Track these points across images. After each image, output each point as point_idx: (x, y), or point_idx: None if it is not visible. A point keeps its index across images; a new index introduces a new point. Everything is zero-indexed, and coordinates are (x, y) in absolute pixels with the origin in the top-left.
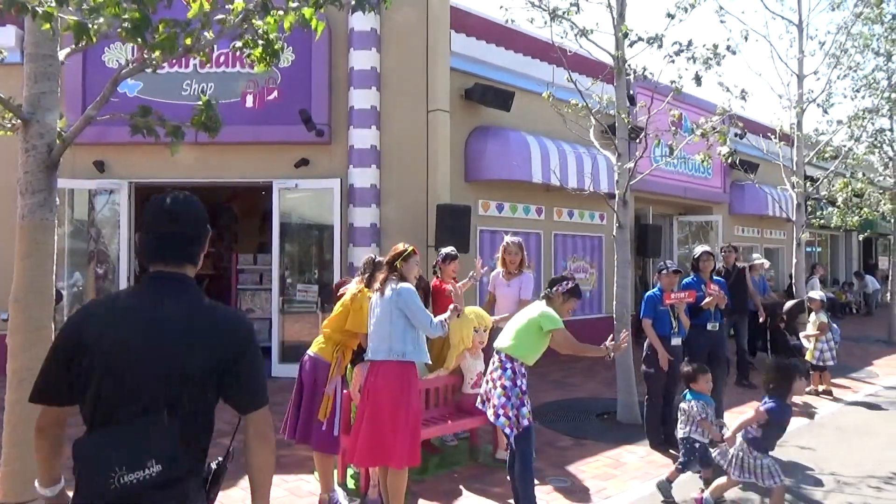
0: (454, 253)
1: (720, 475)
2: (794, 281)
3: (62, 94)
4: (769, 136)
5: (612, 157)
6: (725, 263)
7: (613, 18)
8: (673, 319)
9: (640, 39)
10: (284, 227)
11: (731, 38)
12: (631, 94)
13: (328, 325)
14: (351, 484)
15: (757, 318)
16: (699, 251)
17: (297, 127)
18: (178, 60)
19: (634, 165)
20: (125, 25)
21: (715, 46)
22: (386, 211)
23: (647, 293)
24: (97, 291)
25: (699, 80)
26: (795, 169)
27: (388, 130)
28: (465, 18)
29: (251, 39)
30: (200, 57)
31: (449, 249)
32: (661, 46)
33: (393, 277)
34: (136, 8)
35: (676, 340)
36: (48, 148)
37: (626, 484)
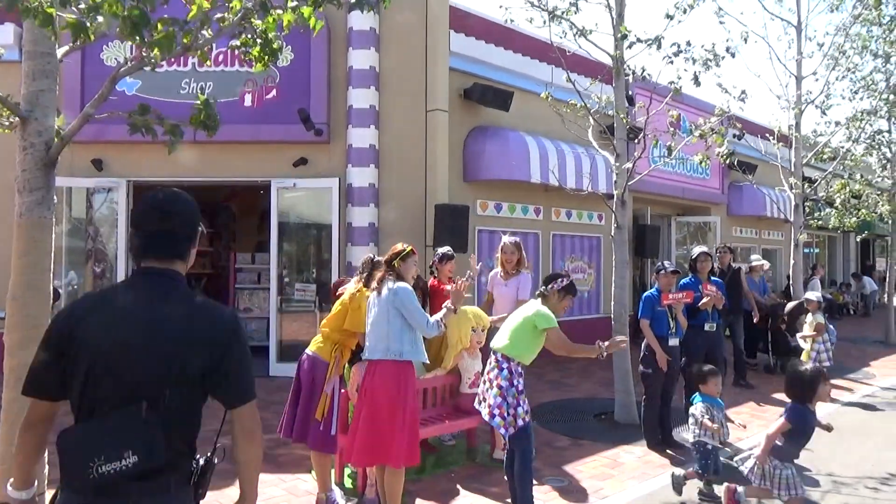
0: (451, 253)
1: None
2: (791, 282)
3: (60, 92)
4: (767, 137)
5: (610, 157)
6: (721, 264)
7: (612, 19)
8: (671, 320)
9: (638, 41)
10: (283, 226)
11: (730, 39)
12: (629, 94)
13: (326, 324)
14: (348, 483)
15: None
16: (697, 252)
17: (295, 126)
18: (176, 59)
19: (633, 166)
20: (124, 24)
21: (713, 47)
22: (384, 210)
23: (644, 293)
24: (95, 289)
25: (698, 80)
26: (793, 170)
27: (386, 130)
28: (464, 18)
29: (250, 38)
30: (199, 56)
31: (445, 249)
32: (659, 48)
33: (390, 277)
34: (134, 5)
35: (674, 341)
36: (46, 146)
37: (623, 484)
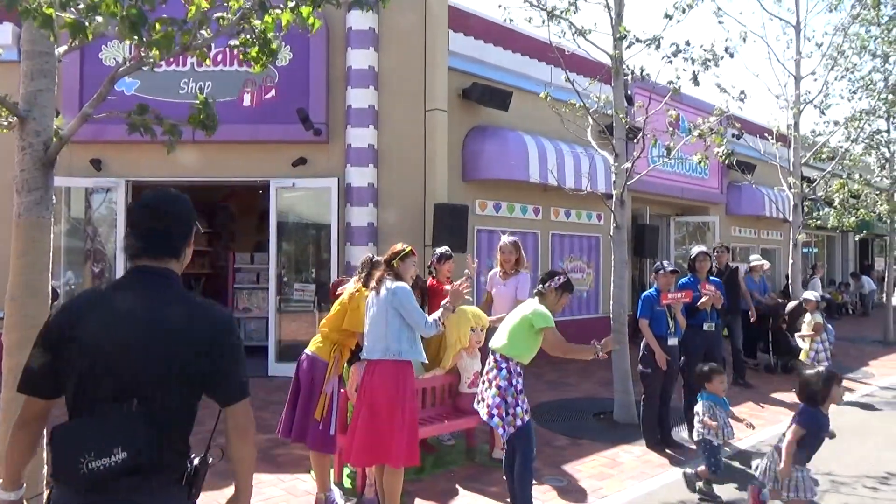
0: (449, 253)
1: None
2: (790, 281)
3: (59, 91)
4: (766, 136)
5: (609, 157)
6: (718, 263)
7: (611, 18)
8: (670, 319)
9: (637, 41)
10: (281, 226)
11: (729, 39)
12: (628, 94)
13: (326, 324)
14: (347, 483)
15: (757, 318)
16: (696, 251)
17: (294, 126)
18: (175, 59)
19: (632, 166)
20: (122, 23)
21: (712, 47)
22: (383, 210)
23: (643, 293)
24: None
25: (697, 80)
26: (792, 170)
27: (385, 130)
28: (463, 18)
29: (248, 38)
30: (198, 56)
31: (443, 249)
32: (658, 48)
33: (388, 276)
34: (132, 4)
35: (673, 340)
36: (44, 146)
37: (622, 483)
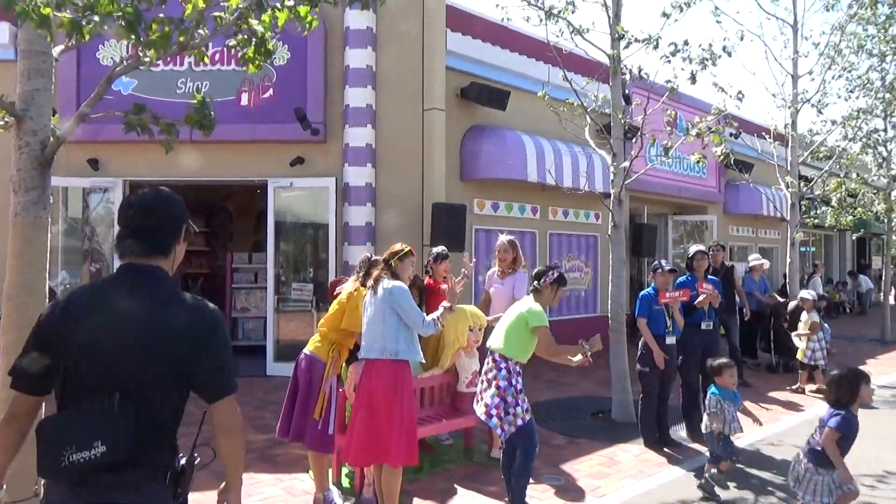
0: (445, 252)
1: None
2: (788, 280)
3: (56, 91)
4: (764, 135)
5: (607, 156)
6: (714, 262)
7: (609, 18)
8: (668, 318)
9: (636, 40)
10: (279, 225)
11: (726, 38)
12: (626, 93)
13: (324, 323)
14: (346, 483)
15: (758, 318)
16: (693, 250)
17: (292, 125)
18: (172, 58)
19: (630, 165)
20: (119, 22)
21: (710, 46)
22: (381, 210)
23: (641, 292)
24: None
25: (694, 79)
26: (790, 169)
27: (383, 129)
28: (461, 17)
29: (244, 38)
30: (196, 55)
31: (440, 249)
32: (656, 47)
33: (386, 276)
34: (129, 3)
35: (671, 339)
36: (41, 145)
37: (620, 482)
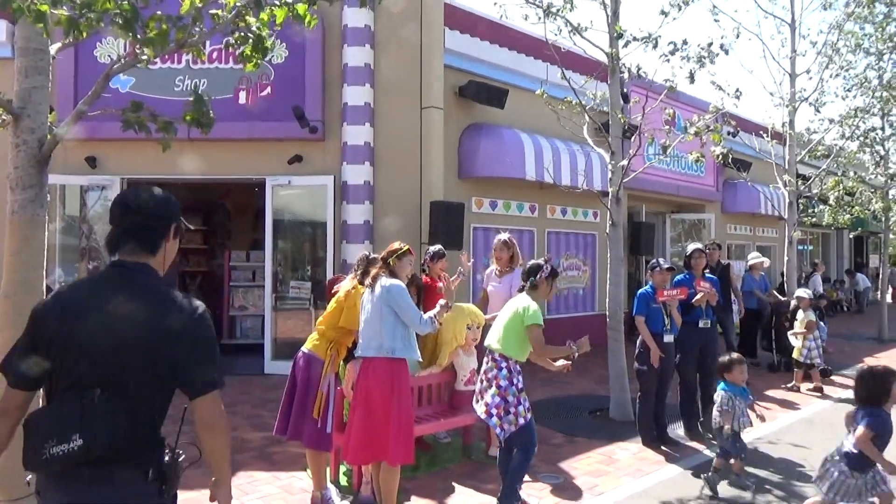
0: (442, 251)
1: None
2: (785, 279)
3: (54, 89)
4: (761, 134)
5: (605, 154)
6: (710, 260)
7: (607, 16)
8: (665, 317)
9: (634, 39)
10: (277, 223)
11: (724, 36)
12: (625, 91)
13: (322, 321)
14: (343, 481)
15: (759, 316)
16: (691, 248)
17: (290, 123)
18: (170, 56)
19: (628, 163)
20: (116, 20)
21: (709, 45)
22: (379, 208)
23: (639, 290)
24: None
25: (693, 78)
26: (787, 167)
27: (381, 127)
28: (459, 15)
29: (242, 35)
30: (193, 52)
31: (437, 248)
32: (656, 46)
33: (384, 274)
34: (126, 0)
35: (669, 337)
36: (39, 143)
37: (618, 480)
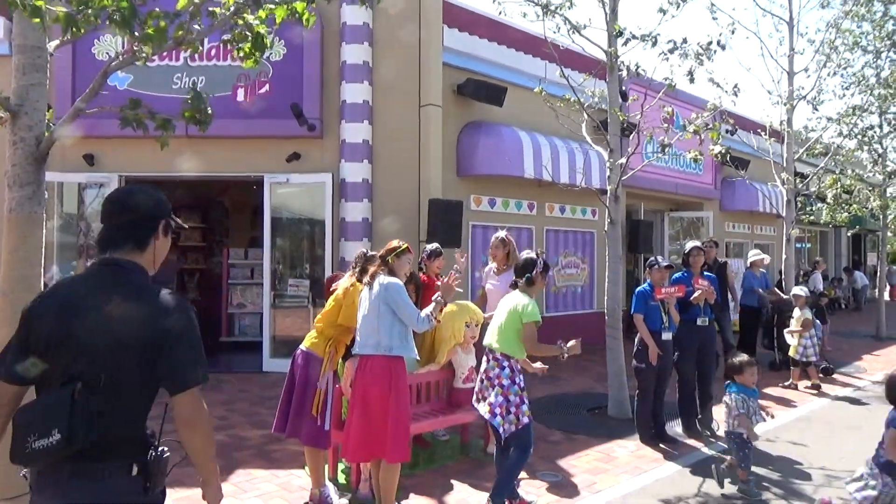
0: (439, 250)
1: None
2: (783, 276)
3: (51, 86)
4: (759, 132)
5: (604, 152)
6: (706, 258)
7: (606, 14)
8: (663, 315)
9: (633, 37)
10: (276, 221)
11: (722, 34)
12: (623, 89)
13: (321, 319)
14: (342, 479)
15: (759, 314)
16: (690, 246)
17: (288, 121)
18: (168, 53)
19: (626, 161)
20: (114, 17)
21: (709, 44)
22: (378, 206)
23: (637, 288)
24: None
25: (692, 77)
26: (785, 165)
27: (380, 125)
28: (457, 13)
29: (241, 33)
30: (191, 49)
31: (433, 246)
32: (655, 44)
33: (382, 272)
34: None
35: (667, 335)
36: (37, 140)
37: (616, 478)
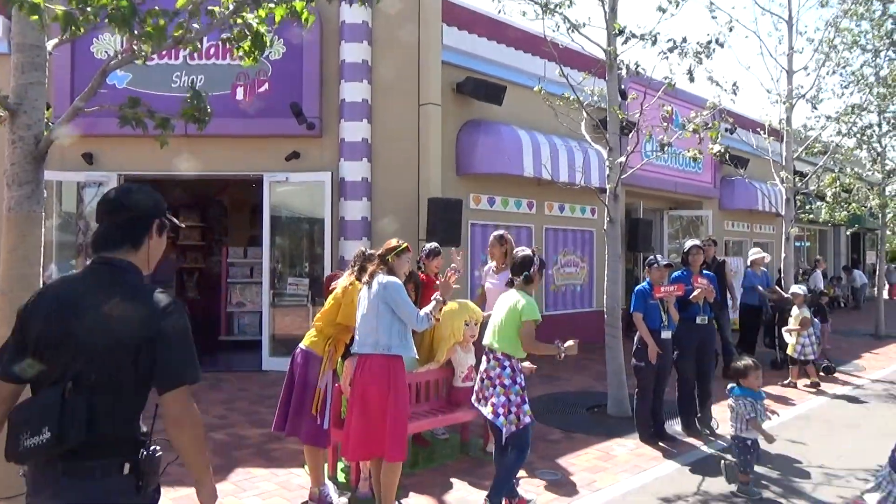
0: (437, 249)
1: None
2: (783, 275)
3: (50, 85)
4: (759, 131)
5: (603, 151)
6: (705, 257)
7: (605, 13)
8: (663, 313)
9: (633, 36)
10: (275, 220)
11: (721, 31)
12: (622, 88)
13: (320, 318)
14: (341, 478)
15: (760, 313)
16: (689, 245)
17: (287, 120)
18: (167, 52)
19: (625, 160)
20: (113, 15)
21: (708, 43)
22: (377, 205)
23: (636, 287)
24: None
25: (692, 76)
26: (785, 164)
27: (379, 124)
28: (456, 12)
29: (240, 32)
30: (190, 47)
31: (432, 245)
32: (654, 43)
33: (381, 271)
34: None
35: (666, 334)
36: (35, 139)
37: (615, 477)
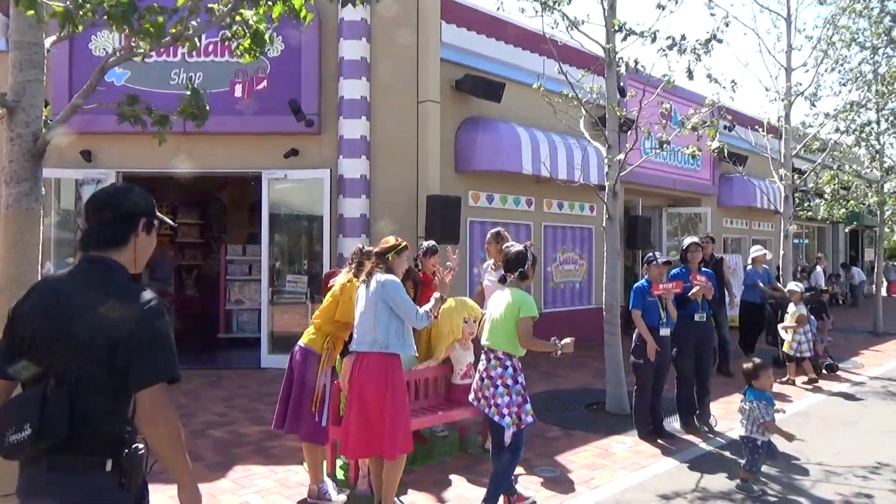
0: (435, 247)
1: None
2: (781, 272)
3: (49, 82)
4: (757, 128)
5: (602, 148)
6: (703, 254)
7: (604, 10)
8: (661, 310)
9: (632, 33)
10: (274, 217)
11: (719, 28)
12: (621, 85)
13: (318, 316)
14: (340, 475)
15: (762, 312)
16: (688, 242)
17: (286, 117)
18: (166, 49)
19: (624, 157)
20: (111, 13)
21: (707, 40)
22: (376, 202)
23: (635, 284)
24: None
25: (691, 74)
26: (783, 161)
27: (378, 121)
28: (455, 9)
29: (239, 29)
30: (188, 45)
31: (430, 244)
32: (654, 40)
33: (379, 269)
34: None
35: (665, 331)
36: (33, 137)
37: (614, 474)
